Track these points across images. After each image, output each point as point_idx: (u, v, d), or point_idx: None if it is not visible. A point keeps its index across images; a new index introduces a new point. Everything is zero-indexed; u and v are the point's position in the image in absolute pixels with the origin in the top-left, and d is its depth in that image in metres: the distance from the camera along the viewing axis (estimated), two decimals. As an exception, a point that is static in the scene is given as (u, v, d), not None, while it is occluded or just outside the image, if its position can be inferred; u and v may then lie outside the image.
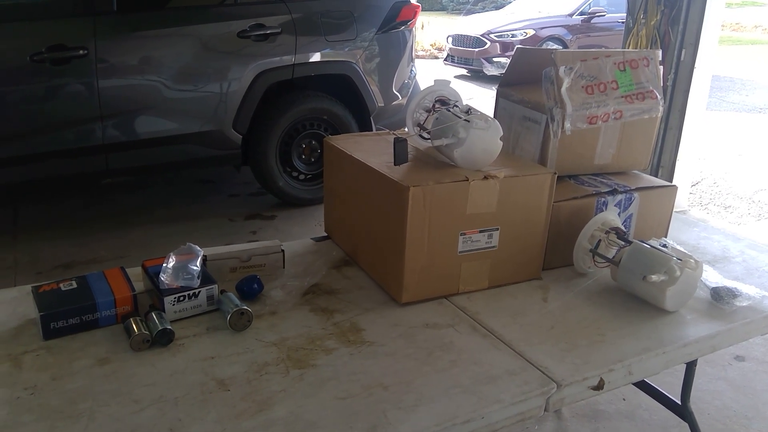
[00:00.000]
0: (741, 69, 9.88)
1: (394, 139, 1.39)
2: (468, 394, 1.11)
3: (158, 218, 3.79)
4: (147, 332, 1.23)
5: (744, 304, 1.40)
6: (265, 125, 3.73)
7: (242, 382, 1.14)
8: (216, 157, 3.74)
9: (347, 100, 3.95)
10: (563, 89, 1.56)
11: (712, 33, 3.82)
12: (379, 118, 4.09)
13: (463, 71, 10.03)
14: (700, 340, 1.31)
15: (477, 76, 9.67)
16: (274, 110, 3.73)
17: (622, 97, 1.62)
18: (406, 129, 1.69)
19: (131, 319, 1.26)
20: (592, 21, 9.72)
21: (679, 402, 1.78)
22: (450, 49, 10.04)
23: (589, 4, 9.79)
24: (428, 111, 1.60)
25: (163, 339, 1.24)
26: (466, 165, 1.45)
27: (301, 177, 3.97)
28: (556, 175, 1.46)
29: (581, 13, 9.73)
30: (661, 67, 1.67)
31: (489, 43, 9.34)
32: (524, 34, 9.34)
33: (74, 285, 1.33)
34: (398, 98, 4.21)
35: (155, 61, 3.37)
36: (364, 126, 4.01)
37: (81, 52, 3.11)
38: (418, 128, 1.62)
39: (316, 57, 3.78)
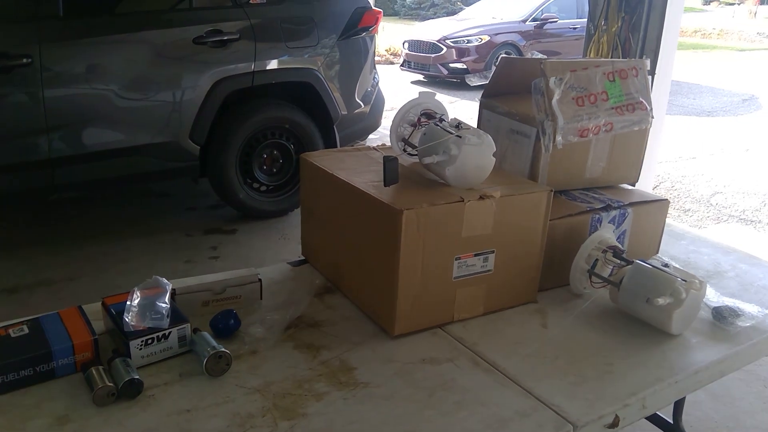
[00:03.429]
0: (686, 73, 10.20)
1: (384, 158, 1.28)
2: (479, 441, 1.01)
3: (111, 235, 3.57)
4: (111, 384, 1.08)
5: (747, 324, 1.35)
6: (224, 135, 3.56)
7: (225, 439, 1.00)
8: (172, 169, 3.56)
9: (309, 108, 3.83)
10: (554, 101, 1.49)
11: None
12: (342, 126, 3.98)
13: (420, 77, 10.02)
14: (710, 366, 1.25)
15: (433, 81, 9.67)
16: (233, 119, 3.57)
17: (613, 108, 1.56)
18: (390, 144, 1.58)
19: (93, 369, 1.11)
20: (545, 27, 9.86)
21: (671, 421, 1.73)
22: (406, 54, 10.02)
23: (542, 10, 9.94)
24: (414, 125, 1.50)
25: (131, 391, 1.09)
26: (457, 183, 1.36)
27: (263, 188, 3.82)
28: (552, 192, 1.38)
29: (534, 20, 9.87)
30: (650, 77, 1.62)
31: (445, 48, 9.36)
32: (479, 40, 9.40)
33: (26, 330, 1.17)
34: (361, 106, 4.12)
35: (105, 69, 3.17)
36: (328, 135, 3.89)
37: (24, 60, 2.89)
38: (403, 143, 1.52)
39: (276, 64, 3.64)
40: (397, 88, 8.49)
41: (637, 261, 1.36)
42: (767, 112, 8.03)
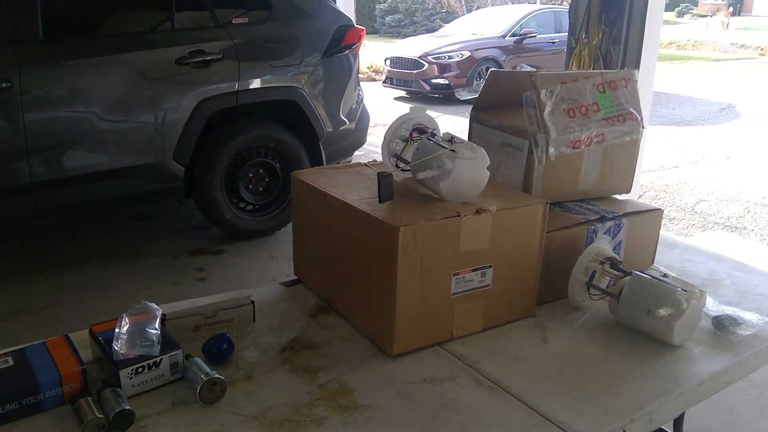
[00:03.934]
0: (664, 84, 10.36)
1: (378, 174, 1.26)
2: (487, 463, 0.98)
3: (95, 259, 3.50)
4: (102, 416, 1.03)
5: (748, 333, 1.34)
6: (209, 155, 3.53)
7: (223, 470, 0.96)
8: (157, 190, 3.51)
9: (294, 126, 3.81)
10: (546, 113, 1.48)
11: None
12: (328, 143, 3.97)
13: (403, 93, 10.07)
14: (714, 376, 1.23)
15: (416, 97, 9.72)
16: (218, 139, 3.54)
17: (604, 119, 1.56)
18: (381, 160, 1.56)
19: (82, 400, 1.06)
20: (524, 42, 9.99)
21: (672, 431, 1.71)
22: (388, 71, 10.08)
23: (520, 25, 10.07)
24: (405, 140, 1.48)
25: (122, 422, 1.05)
26: (452, 198, 1.34)
27: (249, 208, 3.78)
28: (548, 205, 1.37)
29: (513, 35, 10.00)
30: (639, 88, 1.62)
31: (427, 65, 9.43)
32: (460, 56, 9.49)
33: (10, 362, 1.12)
34: (346, 123, 4.11)
35: (86, 91, 3.13)
36: (314, 152, 3.87)
37: (4, 84, 2.84)
38: (395, 159, 1.50)
39: (260, 83, 3.63)
40: (380, 105, 8.52)
41: (636, 272, 1.34)
42: (745, 120, 8.17)
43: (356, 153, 4.45)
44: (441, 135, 1.43)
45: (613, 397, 1.15)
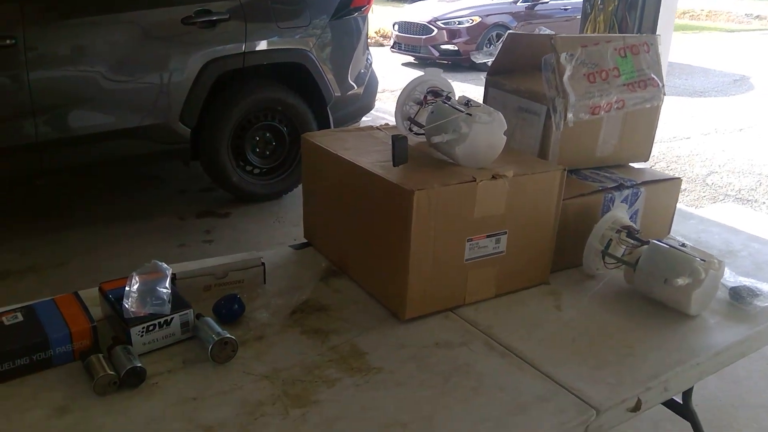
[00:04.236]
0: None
1: (393, 137, 1.23)
2: (500, 428, 0.97)
3: (101, 219, 3.49)
4: (113, 372, 1.03)
5: (765, 304, 1.32)
6: (215, 117, 3.48)
7: (235, 429, 0.96)
8: (163, 151, 3.47)
9: (302, 90, 3.75)
10: (565, 78, 1.44)
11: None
12: (336, 108, 3.91)
13: (410, 59, 9.91)
14: (730, 347, 1.22)
15: (424, 63, 9.57)
16: (224, 101, 3.49)
17: (624, 85, 1.52)
18: (393, 123, 1.53)
19: (92, 357, 1.06)
20: (536, 8, 9.77)
21: (680, 401, 1.71)
22: (396, 36, 9.89)
23: (532, -9, 9.84)
24: (420, 104, 1.45)
25: (133, 379, 1.04)
26: (468, 163, 1.31)
27: (256, 171, 3.75)
28: (566, 172, 1.34)
29: (525, 0, 9.77)
30: (662, 53, 1.57)
31: (436, 30, 9.25)
32: (470, 21, 9.30)
33: (20, 317, 1.11)
34: (354, 88, 4.04)
35: (91, 50, 3.07)
36: (321, 117, 3.82)
37: (8, 41, 2.79)
38: (409, 122, 1.47)
39: (267, 44, 3.55)
40: (388, 71, 8.39)
41: (654, 241, 1.32)
42: (759, 92, 8.04)
43: (364, 119, 4.40)
44: (457, 98, 1.40)
45: (628, 365, 1.14)
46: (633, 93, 1.53)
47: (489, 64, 1.66)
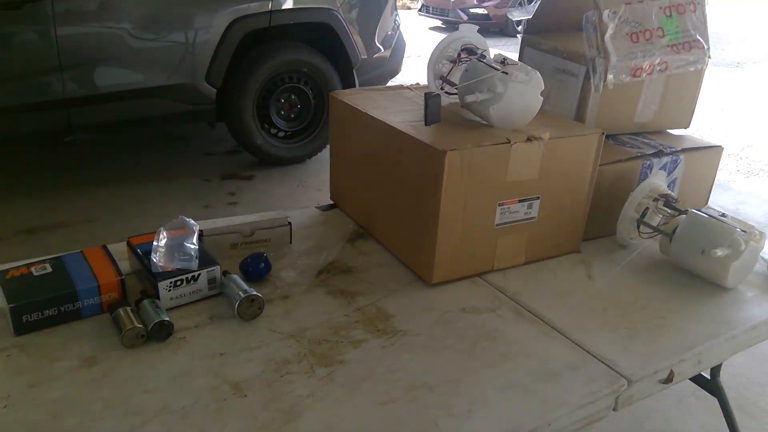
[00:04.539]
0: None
1: (426, 94, 1.19)
2: (528, 395, 0.95)
3: (128, 178, 3.51)
4: (141, 325, 1.03)
5: (806, 279, 1.27)
6: (241, 78, 3.45)
7: (261, 386, 0.96)
8: (188, 112, 3.46)
9: (328, 51, 3.69)
10: (607, 36, 1.38)
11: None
12: (362, 71, 3.84)
13: (438, 22, 9.72)
14: (767, 321, 1.18)
15: (453, 27, 9.36)
16: (250, 62, 3.44)
17: (668, 46, 1.45)
18: (425, 83, 1.48)
19: (120, 310, 1.06)
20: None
21: (708, 377, 1.68)
22: (424, -1, 9.69)
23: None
24: (453, 62, 1.40)
25: (161, 333, 1.05)
26: (501, 124, 1.26)
27: (281, 134, 3.72)
28: (604, 136, 1.29)
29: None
30: (709, 14, 1.49)
31: (466, -8, 9.04)
32: (502, -17, 9.05)
33: (49, 269, 1.12)
34: (381, 50, 3.96)
35: (118, 7, 3.04)
36: (347, 80, 3.76)
37: (36, -5, 2.77)
38: (441, 81, 1.42)
39: (293, 3, 3.49)
40: (415, 35, 8.24)
41: (692, 210, 1.27)
42: (799, 64, 7.74)
43: (390, 83, 4.33)
44: (492, 57, 1.35)
45: (661, 336, 1.11)
46: (677, 55, 1.46)
47: (524, 23, 1.60)
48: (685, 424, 1.79)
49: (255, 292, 1.12)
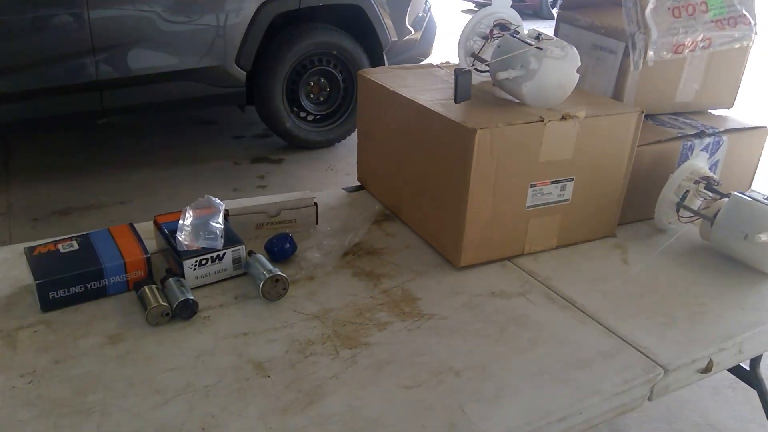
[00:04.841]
0: None
1: (456, 70, 1.15)
2: (559, 383, 0.92)
3: (160, 161, 3.55)
4: (166, 304, 1.03)
5: None
6: (270, 61, 3.44)
7: (284, 366, 0.94)
8: (219, 95, 3.47)
9: (358, 33, 3.65)
10: (648, 11, 1.31)
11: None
12: (392, 53, 3.80)
13: (470, 5, 9.56)
14: (816, 311, 1.12)
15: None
16: (280, 45, 3.43)
17: (712, 21, 1.37)
18: (458, 60, 1.44)
19: (146, 288, 1.06)
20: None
21: (748, 368, 1.61)
22: (457, -19, 9.52)
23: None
24: (485, 38, 1.35)
25: (185, 312, 1.04)
26: (535, 102, 1.22)
27: (310, 118, 3.71)
28: (643, 115, 1.23)
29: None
30: (757, -13, 1.41)
31: (499, -26, 8.84)
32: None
33: (75, 246, 1.12)
34: (411, 32, 3.91)
35: (150, -12, 3.05)
36: (377, 62, 3.72)
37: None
38: (472, 58, 1.38)
39: (323, -15, 3.45)
40: (445, 16, 8.11)
41: (735, 193, 1.21)
42: None
43: (420, 65, 4.26)
44: (526, 32, 1.30)
45: (701, 324, 1.06)
46: (721, 31, 1.38)
47: (559, 1, 1.54)
48: (721, 416, 1.73)
49: (280, 273, 1.10)
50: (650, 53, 1.32)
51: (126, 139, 3.89)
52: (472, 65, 1.38)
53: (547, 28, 1.55)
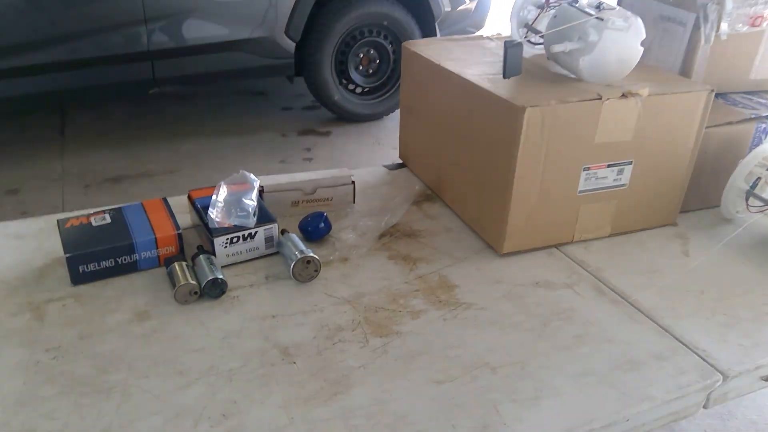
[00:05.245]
0: None
1: (506, 42, 1.06)
2: (605, 386, 0.85)
3: (209, 131, 3.57)
4: (194, 282, 1.00)
5: None
6: (319, 32, 3.38)
7: (311, 353, 0.90)
8: (268, 66, 3.44)
9: (409, 3, 3.54)
10: (724, -22, 1.18)
11: None
12: (444, 24, 3.68)
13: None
14: None
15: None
16: (328, 15, 3.36)
17: (800, -10, 1.23)
18: (510, 31, 1.34)
19: (176, 264, 1.03)
20: None
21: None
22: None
23: None
24: (540, 7, 1.25)
25: (214, 291, 1.01)
26: (593, 78, 1.12)
27: (358, 90, 3.64)
28: (713, 94, 1.12)
29: None
30: None
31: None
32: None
33: (107, 220, 1.10)
34: (466, 2, 3.77)
35: (202, -43, 3.03)
36: (428, 33, 3.61)
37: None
38: (525, 30, 1.28)
39: (376, -47, 3.35)
40: (504, -12, 7.84)
41: (816, 183, 1.09)
42: None
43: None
44: (586, 1, 1.19)
45: (766, 326, 0.96)
46: (810, 1, 1.24)
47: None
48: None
49: (311, 254, 1.06)
50: (724, 25, 1.19)
51: (176, 109, 3.93)
52: (525, 37, 1.28)
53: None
